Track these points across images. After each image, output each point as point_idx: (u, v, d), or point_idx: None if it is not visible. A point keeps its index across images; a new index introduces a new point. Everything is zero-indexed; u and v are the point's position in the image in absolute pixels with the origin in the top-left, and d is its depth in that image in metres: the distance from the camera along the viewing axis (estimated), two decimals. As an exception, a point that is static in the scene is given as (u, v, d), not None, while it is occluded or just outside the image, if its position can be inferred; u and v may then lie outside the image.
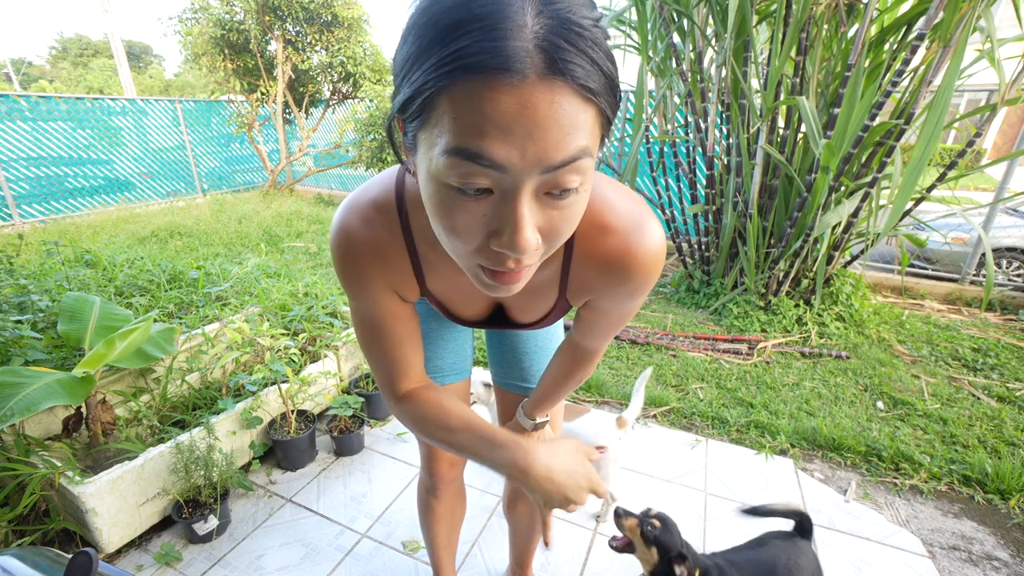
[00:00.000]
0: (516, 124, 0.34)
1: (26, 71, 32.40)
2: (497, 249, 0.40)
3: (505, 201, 0.38)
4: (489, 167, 0.35)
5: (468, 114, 0.34)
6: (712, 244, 3.53)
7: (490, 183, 0.37)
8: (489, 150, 0.34)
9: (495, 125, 0.34)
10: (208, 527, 1.53)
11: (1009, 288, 3.49)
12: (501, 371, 1.02)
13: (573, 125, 0.35)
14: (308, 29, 6.90)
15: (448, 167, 0.36)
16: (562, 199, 0.39)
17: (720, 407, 2.25)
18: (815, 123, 2.55)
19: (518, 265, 0.42)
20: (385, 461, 1.93)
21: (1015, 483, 1.76)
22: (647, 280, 0.58)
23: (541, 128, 0.34)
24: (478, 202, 0.38)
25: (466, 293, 0.69)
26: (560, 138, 0.35)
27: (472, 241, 0.41)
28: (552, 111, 0.34)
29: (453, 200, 0.38)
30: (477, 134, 0.34)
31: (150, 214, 6.03)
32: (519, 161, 0.35)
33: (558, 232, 0.42)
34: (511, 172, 0.36)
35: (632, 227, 0.55)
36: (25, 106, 5.81)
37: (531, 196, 0.38)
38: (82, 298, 1.78)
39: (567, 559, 1.51)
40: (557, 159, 0.36)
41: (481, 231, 0.40)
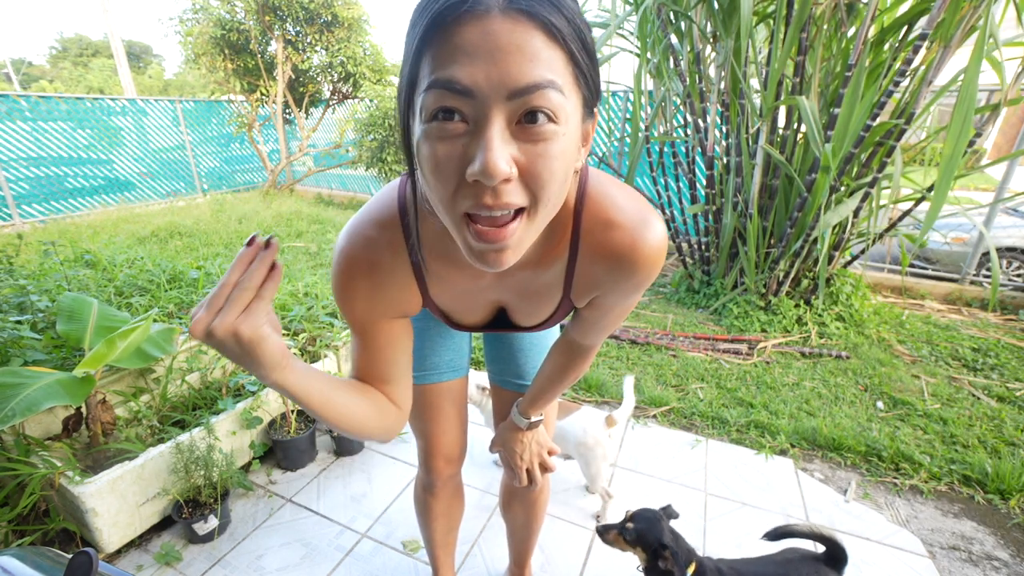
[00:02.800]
0: (480, 50, 0.38)
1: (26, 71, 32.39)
2: (471, 178, 0.40)
3: (477, 129, 0.40)
4: (460, 92, 0.38)
5: (440, 52, 0.39)
6: (712, 244, 3.53)
7: (464, 110, 0.39)
8: (457, 74, 0.38)
9: (462, 52, 0.38)
10: (208, 527, 1.53)
11: (1009, 288, 3.49)
12: (497, 368, 1.03)
13: (537, 56, 0.38)
14: (308, 29, 6.90)
15: (428, 100, 0.40)
16: (535, 129, 0.40)
17: (720, 407, 2.25)
18: (816, 123, 2.55)
19: (496, 199, 0.41)
20: (385, 461, 1.93)
21: (1015, 483, 1.76)
22: (651, 274, 0.59)
23: (503, 52, 0.38)
24: (455, 129, 0.40)
25: (469, 300, 0.69)
26: (523, 63, 0.38)
27: (452, 179, 0.42)
28: (513, 38, 0.38)
29: (435, 139, 0.41)
30: (447, 64, 0.38)
31: (150, 214, 6.02)
32: (484, 84, 0.38)
33: (537, 172, 0.41)
34: (478, 95, 0.38)
35: (637, 222, 0.56)
36: (25, 106, 5.80)
37: (502, 124, 0.40)
38: (80, 298, 1.78)
39: (567, 559, 1.51)
40: (521, 82, 0.38)
41: (459, 165, 0.41)
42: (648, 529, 1.08)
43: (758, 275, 3.16)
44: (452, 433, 1.02)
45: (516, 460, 0.95)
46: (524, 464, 0.95)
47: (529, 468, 0.95)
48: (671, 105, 3.55)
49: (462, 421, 1.04)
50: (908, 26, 2.63)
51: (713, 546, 1.56)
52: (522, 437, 0.94)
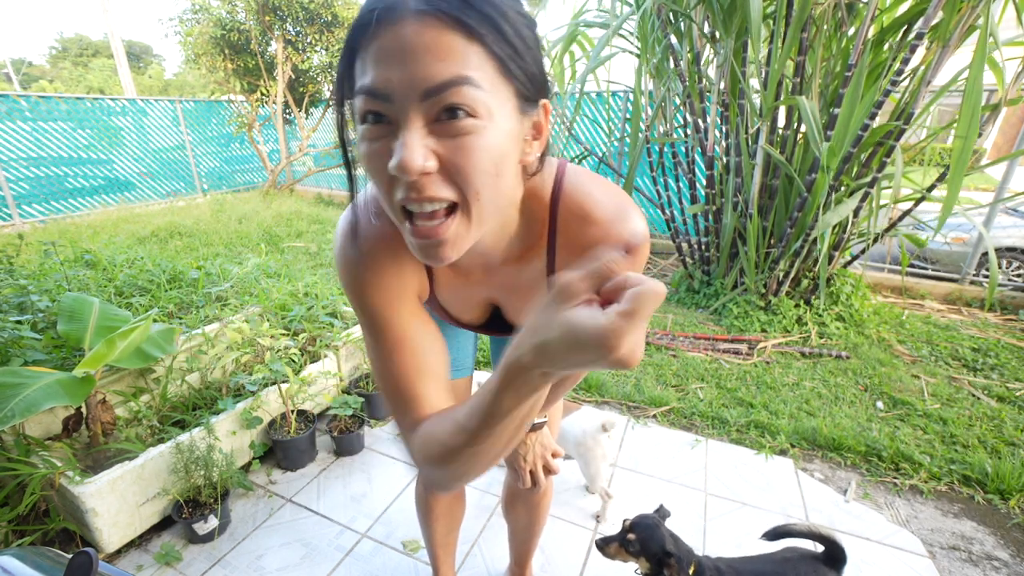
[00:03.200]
0: (391, 55, 0.39)
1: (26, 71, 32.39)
2: (391, 173, 0.41)
3: (397, 128, 0.41)
4: (378, 97, 0.41)
5: (363, 60, 0.41)
6: (712, 244, 3.53)
7: (386, 115, 0.41)
8: (373, 81, 0.40)
9: (376, 59, 0.40)
10: (208, 527, 1.53)
11: (1009, 288, 3.49)
12: None
13: (448, 54, 0.39)
14: (308, 29, 6.91)
15: (357, 109, 0.43)
16: (453, 124, 0.41)
17: (720, 407, 2.25)
18: (816, 123, 2.55)
19: (419, 192, 0.42)
20: (385, 461, 1.93)
21: (1015, 483, 1.76)
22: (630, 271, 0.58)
23: (411, 54, 0.39)
24: (379, 131, 0.42)
25: (464, 296, 0.69)
26: (432, 63, 0.39)
27: (383, 173, 0.43)
28: (421, 39, 0.39)
29: (365, 140, 0.43)
30: (367, 71, 0.41)
31: (150, 214, 6.02)
32: (398, 85, 0.40)
33: (459, 166, 0.42)
34: (394, 98, 0.40)
35: (614, 217, 0.55)
36: (25, 106, 5.80)
37: (420, 123, 0.41)
38: (81, 298, 1.78)
39: (567, 559, 1.51)
40: (432, 82, 0.39)
41: (385, 160, 0.42)
42: (650, 538, 1.06)
43: (758, 275, 3.16)
44: None
45: (520, 462, 0.94)
46: (528, 466, 0.94)
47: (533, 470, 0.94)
48: (671, 105, 3.55)
49: None
50: (908, 26, 2.63)
51: (713, 546, 1.56)
52: (526, 439, 0.93)
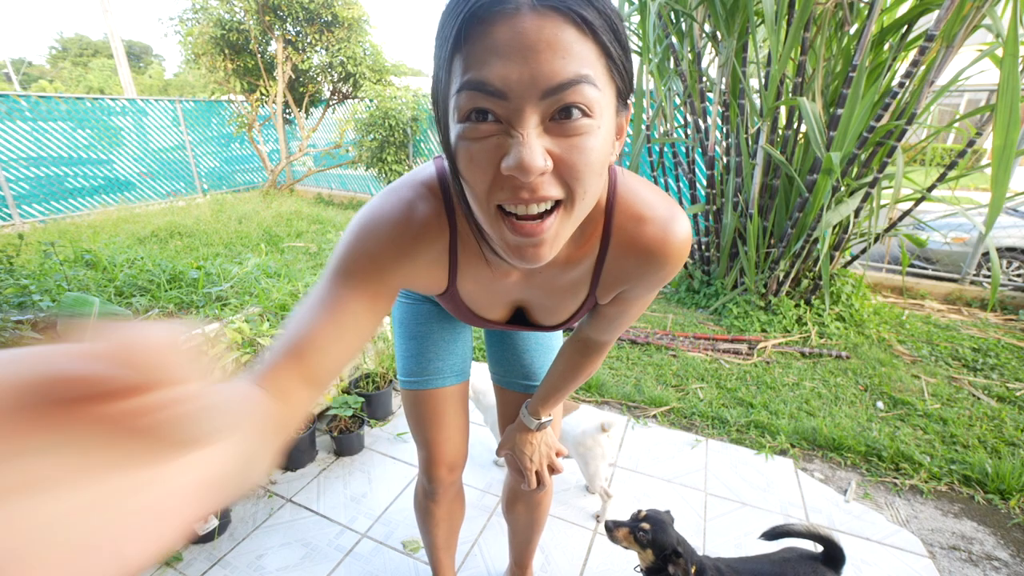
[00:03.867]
0: (510, 49, 0.37)
1: (26, 71, 32.40)
2: (506, 173, 0.40)
3: (511, 126, 0.40)
4: (492, 94, 0.38)
5: (472, 53, 0.39)
6: (712, 244, 3.53)
7: (497, 113, 0.40)
8: (489, 76, 0.38)
9: (493, 53, 0.38)
10: (208, 527, 1.53)
11: (1009, 288, 3.49)
12: (501, 370, 1.02)
13: (568, 51, 0.38)
14: (308, 29, 6.91)
15: (460, 105, 0.40)
16: (570, 124, 0.40)
17: (720, 407, 2.25)
18: (817, 124, 2.55)
19: (533, 193, 0.41)
20: (385, 461, 1.94)
21: (1015, 483, 1.76)
22: (677, 266, 0.60)
23: (533, 51, 0.37)
24: (488, 129, 0.40)
25: (492, 296, 0.69)
26: (554, 60, 0.38)
27: (487, 173, 0.42)
28: (543, 35, 0.37)
29: (468, 135, 0.41)
30: (479, 66, 0.38)
31: (150, 214, 6.03)
32: (516, 84, 0.38)
33: (573, 165, 0.41)
34: (512, 97, 0.38)
35: (667, 216, 0.58)
36: (25, 106, 5.81)
37: (536, 121, 0.40)
38: (82, 298, 1.79)
39: (567, 559, 1.51)
40: (554, 80, 0.38)
41: (494, 159, 0.41)
42: (663, 532, 1.07)
43: (758, 275, 3.16)
44: (455, 440, 1.01)
45: (526, 462, 0.93)
46: (534, 466, 0.93)
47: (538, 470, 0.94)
48: (671, 105, 3.55)
49: (464, 426, 1.03)
50: (908, 26, 2.63)
51: (713, 546, 1.56)
52: (531, 439, 0.93)
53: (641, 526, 1.08)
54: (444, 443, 1.00)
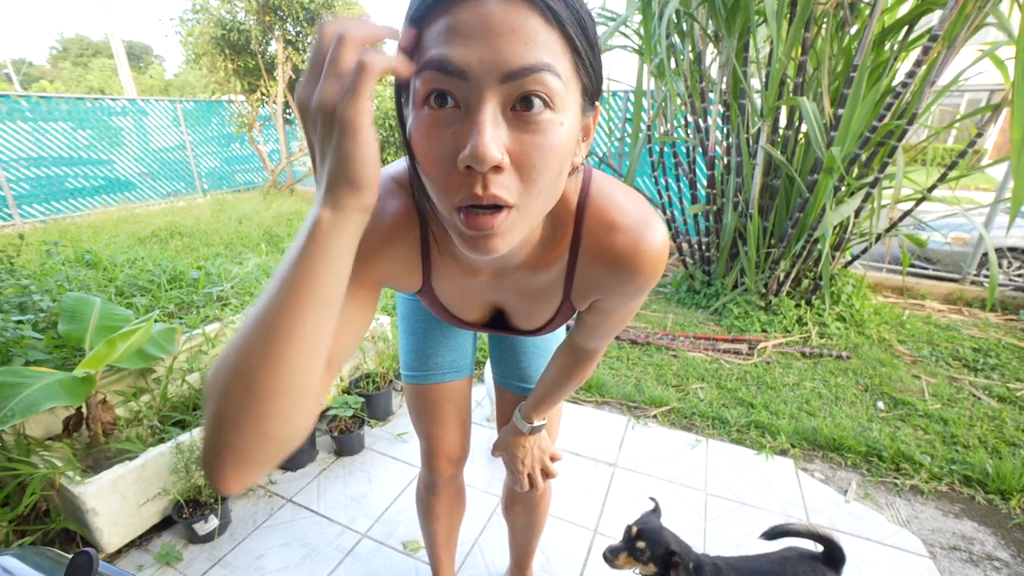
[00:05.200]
0: (473, 31, 0.37)
1: (27, 71, 32.42)
2: (462, 165, 0.38)
3: (469, 113, 0.39)
4: (452, 73, 0.37)
5: (436, 31, 0.38)
6: (713, 244, 3.53)
7: (456, 96, 0.38)
8: (450, 56, 0.37)
9: (455, 33, 0.37)
10: (208, 527, 1.53)
11: (1009, 288, 3.49)
12: (500, 370, 1.02)
13: (532, 38, 0.37)
14: (309, 29, 6.91)
15: (421, 83, 0.39)
16: (530, 116, 0.39)
17: (720, 407, 2.25)
18: (817, 124, 2.55)
19: (485, 188, 0.39)
20: (385, 461, 1.94)
21: (1016, 483, 1.76)
22: (653, 277, 0.58)
23: (495, 33, 0.37)
24: (446, 115, 0.39)
25: (467, 296, 0.68)
26: (516, 45, 0.37)
27: (444, 165, 0.40)
28: (508, 19, 0.37)
29: (427, 124, 0.40)
30: (441, 44, 0.37)
31: (150, 214, 6.03)
32: (477, 65, 0.37)
33: (530, 161, 0.40)
34: (471, 78, 0.37)
35: (640, 224, 0.55)
36: (26, 106, 5.81)
37: (495, 108, 0.38)
38: (83, 298, 1.79)
39: (567, 559, 1.51)
40: (515, 64, 0.37)
41: (451, 152, 0.39)
42: (657, 542, 1.06)
43: (758, 275, 3.16)
44: (454, 434, 1.02)
45: (518, 465, 0.94)
46: (526, 469, 0.94)
47: (531, 473, 0.94)
48: (672, 105, 3.55)
49: (464, 422, 1.04)
50: (909, 26, 2.63)
51: (713, 546, 1.56)
52: (524, 442, 0.93)
53: (637, 546, 1.07)
54: (444, 436, 1.01)
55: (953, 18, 2.33)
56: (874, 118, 2.62)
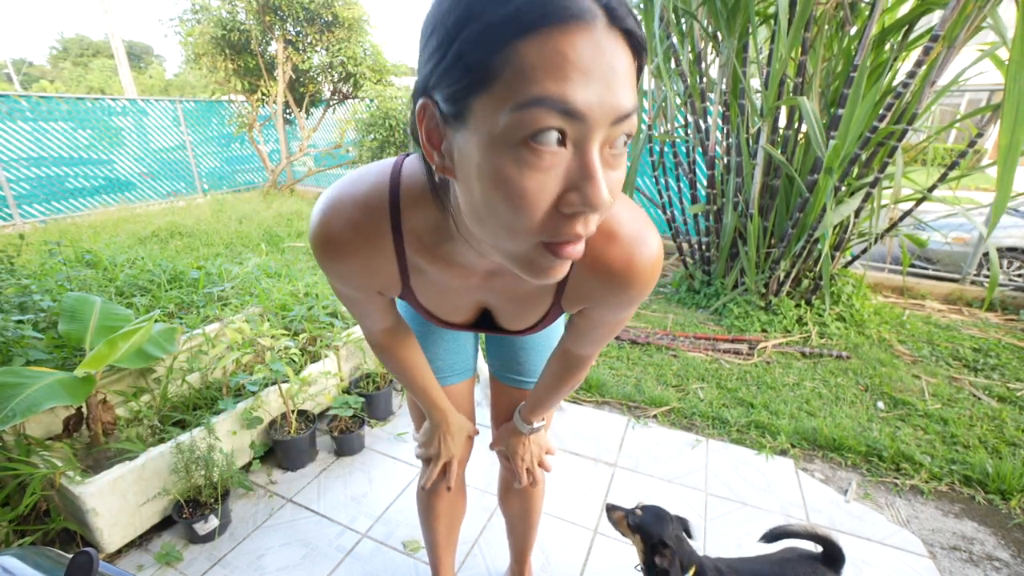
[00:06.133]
0: (595, 67, 0.34)
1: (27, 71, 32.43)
2: (570, 211, 0.37)
3: (579, 154, 0.36)
4: (570, 115, 0.34)
5: (549, 60, 0.33)
6: (713, 244, 3.53)
7: (566, 134, 0.35)
8: (574, 95, 0.33)
9: (576, 68, 0.33)
10: (209, 527, 1.53)
11: (1010, 288, 3.49)
12: (497, 363, 1.03)
13: (631, 77, 0.37)
14: (309, 29, 6.90)
15: (525, 121, 0.34)
16: (616, 158, 0.39)
17: (720, 407, 2.25)
18: (817, 124, 2.55)
19: (586, 228, 0.39)
20: (386, 461, 1.94)
21: (1016, 483, 1.76)
22: (644, 290, 0.58)
23: (614, 73, 0.35)
24: (552, 161, 0.36)
25: (452, 299, 0.68)
26: (626, 87, 0.36)
27: (540, 208, 0.37)
28: (618, 60, 0.35)
29: (524, 163, 0.36)
30: (561, 79, 0.33)
31: (150, 214, 6.03)
32: (598, 108, 0.35)
33: (615, 195, 0.40)
34: (588, 120, 0.35)
35: (636, 237, 0.55)
36: (26, 106, 5.81)
37: (598, 150, 0.37)
38: (83, 298, 1.79)
39: (567, 559, 1.51)
40: (625, 108, 0.36)
41: (551, 195, 0.37)
42: (652, 523, 1.09)
43: (758, 275, 3.16)
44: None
45: (517, 462, 0.99)
46: (524, 464, 0.99)
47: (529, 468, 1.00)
48: (672, 105, 3.55)
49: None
50: (909, 26, 2.63)
51: (713, 546, 1.56)
52: (523, 441, 0.98)
53: (635, 511, 1.13)
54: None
55: (954, 18, 2.33)
56: (874, 118, 2.62)
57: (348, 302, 0.72)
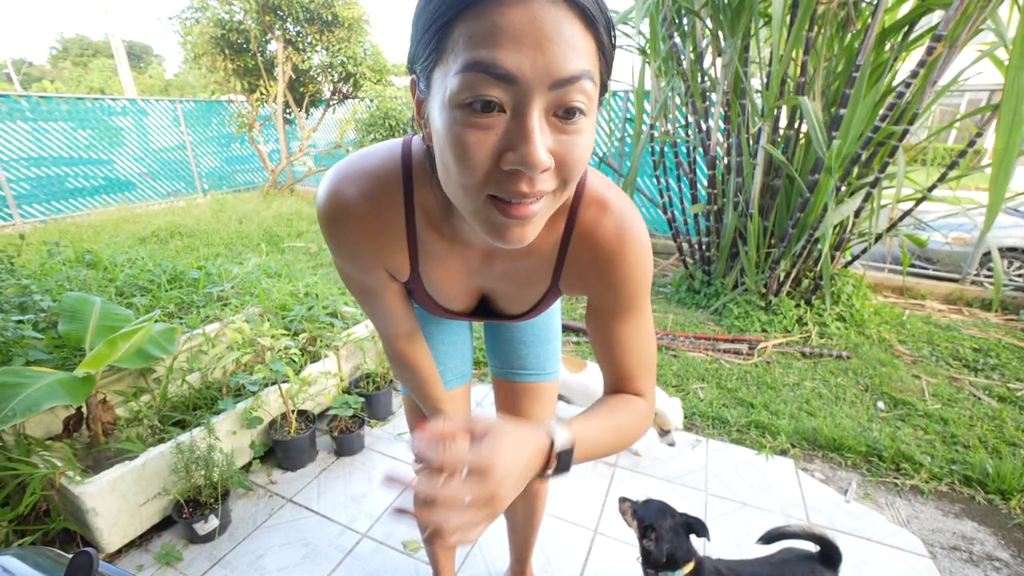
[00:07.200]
0: (526, 35, 0.36)
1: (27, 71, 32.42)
2: (509, 168, 0.40)
3: (517, 116, 0.39)
4: (502, 78, 0.37)
5: (481, 29, 0.36)
6: (713, 244, 3.53)
7: (502, 97, 0.38)
8: (503, 59, 0.36)
9: (507, 35, 0.36)
10: (208, 527, 1.53)
11: (1010, 288, 3.49)
12: (498, 360, 1.03)
13: (577, 45, 0.38)
14: (308, 29, 6.90)
15: (462, 84, 0.38)
16: (570, 123, 0.40)
17: (720, 407, 2.25)
18: (819, 123, 2.55)
19: (532, 186, 0.41)
20: (385, 461, 1.93)
21: (1016, 483, 1.76)
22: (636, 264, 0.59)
23: (548, 40, 0.36)
24: (490, 121, 0.39)
25: (456, 280, 0.68)
26: (567, 53, 0.37)
27: (483, 165, 0.40)
28: (558, 26, 0.37)
29: (466, 121, 0.39)
30: (491, 45, 0.36)
31: (150, 214, 6.03)
32: (529, 71, 0.37)
33: (568, 161, 0.42)
34: (522, 84, 0.37)
35: (625, 212, 0.59)
36: (26, 106, 5.81)
37: (541, 113, 0.39)
38: (83, 298, 1.79)
39: (567, 559, 1.51)
40: (565, 72, 0.37)
41: (492, 152, 0.40)
42: (651, 513, 1.13)
43: (759, 275, 3.16)
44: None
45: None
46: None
47: None
48: (673, 105, 3.55)
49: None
50: (909, 27, 2.63)
51: (713, 546, 1.56)
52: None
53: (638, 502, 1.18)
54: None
55: (957, 19, 2.33)
56: (875, 118, 2.62)
57: (365, 297, 0.70)
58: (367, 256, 0.62)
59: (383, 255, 0.62)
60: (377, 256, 0.62)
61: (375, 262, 0.63)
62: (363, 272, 0.65)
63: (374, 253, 0.62)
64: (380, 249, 0.61)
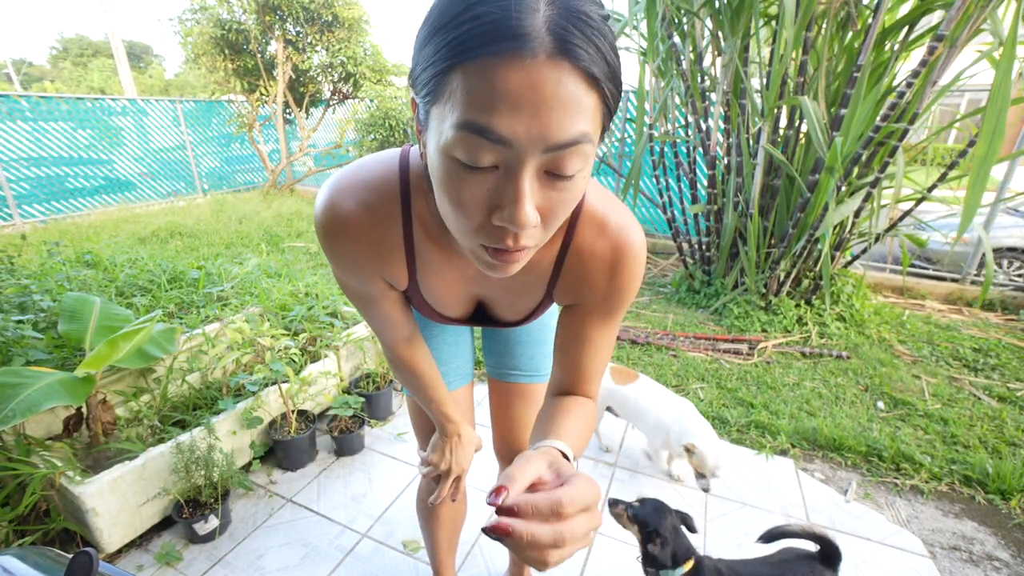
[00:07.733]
0: (523, 101, 0.35)
1: (27, 71, 32.42)
2: (498, 224, 0.40)
3: (508, 176, 0.39)
4: (496, 142, 0.37)
5: (479, 89, 0.36)
6: (713, 244, 3.53)
7: (495, 159, 0.38)
8: (498, 125, 0.36)
9: (504, 101, 0.35)
10: (208, 527, 1.53)
11: (1010, 288, 3.49)
12: (493, 360, 1.03)
13: (577, 108, 0.37)
14: (308, 29, 6.90)
15: (457, 141, 0.38)
16: (562, 181, 0.40)
17: (720, 407, 2.25)
18: (819, 123, 2.54)
19: (516, 242, 0.42)
20: (385, 461, 1.93)
21: (1016, 483, 1.76)
22: (631, 275, 0.60)
23: (547, 106, 0.36)
24: (483, 177, 0.39)
25: (452, 289, 0.69)
26: (563, 119, 0.37)
27: (475, 216, 0.41)
28: (558, 91, 0.36)
29: (459, 174, 0.40)
30: (487, 109, 0.36)
31: (150, 214, 6.03)
32: (524, 137, 0.36)
33: (555, 214, 0.43)
34: (516, 147, 0.37)
35: (622, 227, 0.59)
36: (26, 106, 5.80)
37: (533, 174, 0.39)
38: (83, 298, 1.78)
39: (567, 559, 1.51)
40: (561, 139, 0.37)
41: (484, 206, 0.41)
42: (650, 514, 1.12)
43: (758, 275, 3.16)
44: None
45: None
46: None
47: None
48: (673, 105, 3.55)
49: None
50: (910, 27, 2.63)
51: (713, 546, 1.56)
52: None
53: (633, 503, 1.17)
54: None
55: (958, 19, 2.33)
56: (875, 118, 2.62)
57: (364, 305, 0.70)
58: (365, 267, 0.62)
59: (381, 266, 0.63)
60: (375, 267, 0.63)
61: (373, 272, 0.64)
62: (362, 282, 0.66)
63: (372, 264, 0.62)
64: (378, 260, 0.61)
